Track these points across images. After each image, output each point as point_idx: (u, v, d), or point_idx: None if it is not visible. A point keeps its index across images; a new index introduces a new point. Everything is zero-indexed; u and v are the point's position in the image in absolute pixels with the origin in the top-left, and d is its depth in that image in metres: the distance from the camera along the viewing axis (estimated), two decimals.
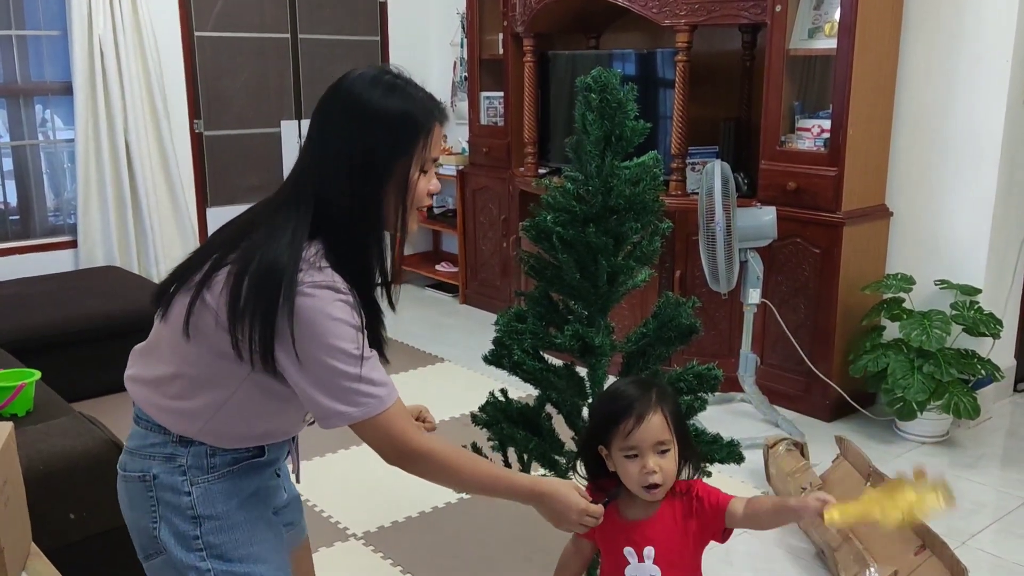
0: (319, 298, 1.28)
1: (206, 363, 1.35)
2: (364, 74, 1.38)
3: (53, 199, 4.78)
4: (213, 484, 1.40)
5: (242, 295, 1.28)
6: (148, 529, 1.41)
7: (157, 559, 1.42)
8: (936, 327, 3.28)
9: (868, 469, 2.65)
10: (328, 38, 5.49)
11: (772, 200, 3.59)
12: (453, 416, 3.59)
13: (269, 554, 1.46)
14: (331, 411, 1.32)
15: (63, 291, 4.06)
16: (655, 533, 1.57)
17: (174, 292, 1.39)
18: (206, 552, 1.39)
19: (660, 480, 1.53)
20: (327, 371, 1.30)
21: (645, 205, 1.99)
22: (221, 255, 1.35)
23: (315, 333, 1.28)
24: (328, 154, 1.35)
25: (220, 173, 5.21)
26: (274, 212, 1.36)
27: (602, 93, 1.93)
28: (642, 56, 4.20)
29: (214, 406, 1.37)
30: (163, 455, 1.39)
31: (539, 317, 2.10)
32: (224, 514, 1.40)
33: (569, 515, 1.51)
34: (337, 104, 1.36)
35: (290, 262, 1.28)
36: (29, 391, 2.55)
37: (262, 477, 1.48)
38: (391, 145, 1.34)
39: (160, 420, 1.40)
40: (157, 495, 1.39)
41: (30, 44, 4.55)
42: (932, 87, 3.53)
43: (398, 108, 1.35)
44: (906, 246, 3.68)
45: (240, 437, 1.41)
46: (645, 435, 1.52)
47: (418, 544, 2.72)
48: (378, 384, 1.34)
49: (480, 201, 5.18)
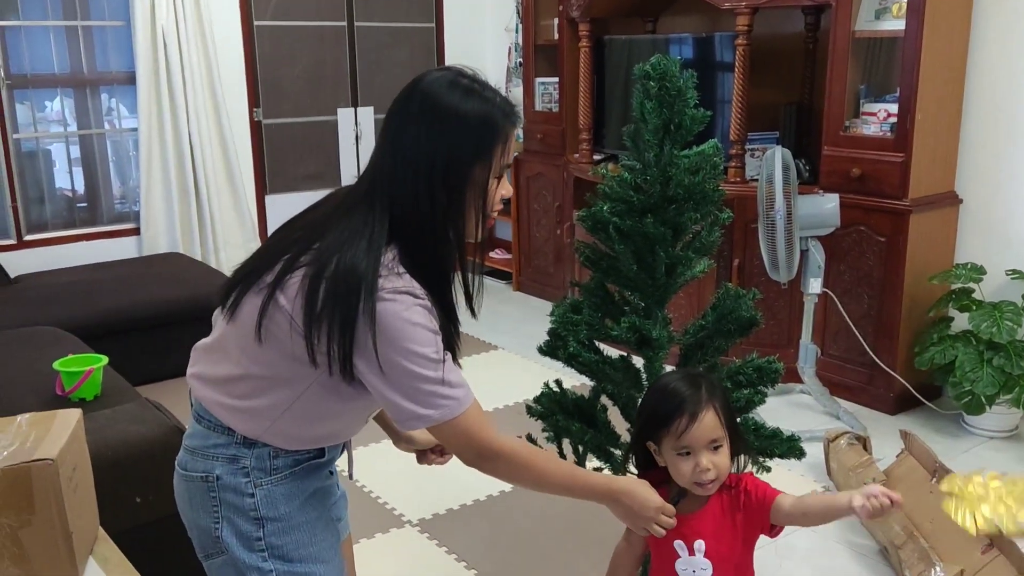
0: (399, 303, 1.27)
1: (276, 365, 1.35)
2: (441, 76, 1.35)
3: (119, 187, 4.90)
4: (276, 486, 1.40)
5: (319, 300, 1.27)
6: (210, 529, 1.41)
7: (218, 559, 1.43)
8: (1007, 318, 3.17)
9: (934, 465, 2.57)
10: (384, 25, 5.51)
11: (835, 187, 3.50)
12: (507, 404, 3.59)
13: (328, 553, 1.47)
14: (411, 414, 1.32)
15: (129, 277, 4.17)
16: (704, 526, 1.56)
17: (242, 292, 1.37)
18: (268, 552, 1.40)
19: (714, 476, 1.52)
20: (407, 376, 1.29)
21: (705, 195, 1.95)
22: (294, 256, 1.33)
23: (396, 338, 1.27)
24: (405, 158, 1.32)
25: (278, 161, 5.28)
26: (348, 213, 1.34)
27: (661, 81, 1.89)
28: (700, 40, 4.12)
29: (281, 407, 1.36)
30: (226, 456, 1.39)
31: (595, 308, 2.07)
32: (286, 516, 1.41)
33: (646, 512, 1.51)
34: (415, 106, 1.33)
35: (369, 267, 1.27)
36: (97, 376, 2.62)
37: (320, 477, 1.49)
38: (470, 150, 1.32)
39: (225, 420, 1.39)
40: (220, 496, 1.40)
41: (95, 34, 4.66)
42: (1005, 70, 3.39)
43: (477, 112, 1.32)
44: (976, 235, 3.56)
45: (305, 439, 1.42)
46: (698, 434, 1.50)
47: (472, 532, 2.74)
48: (456, 386, 1.33)
49: (534, 188, 5.16)
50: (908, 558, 2.36)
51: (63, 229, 4.69)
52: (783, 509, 1.53)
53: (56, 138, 4.70)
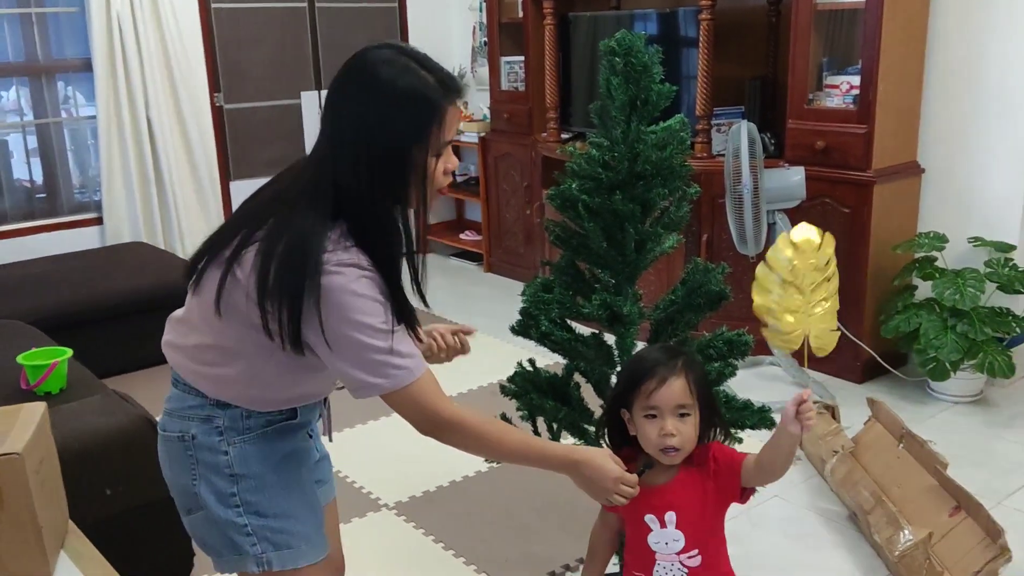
0: (345, 275, 1.31)
1: (239, 335, 1.39)
2: (378, 53, 1.36)
3: (78, 176, 4.81)
4: (248, 444, 1.45)
5: (270, 275, 1.31)
6: (188, 486, 1.46)
7: (197, 514, 1.48)
8: (970, 285, 3.22)
9: (901, 431, 2.62)
10: (346, 6, 5.44)
11: (800, 160, 3.53)
12: (481, 385, 3.59)
13: (303, 512, 1.51)
14: (362, 383, 1.35)
15: (91, 268, 4.10)
16: (675, 497, 1.57)
17: (205, 265, 1.41)
18: (243, 508, 1.45)
19: (678, 444, 1.53)
20: (356, 345, 1.32)
21: (672, 170, 1.95)
22: (250, 231, 1.37)
23: (342, 310, 1.30)
24: (343, 135, 1.35)
25: (242, 146, 5.21)
26: (299, 190, 1.37)
27: (627, 57, 1.89)
28: (664, 15, 4.12)
29: (248, 373, 1.41)
30: (201, 416, 1.44)
31: (566, 286, 2.08)
32: (259, 474, 1.46)
33: (605, 483, 1.51)
34: (351, 84, 1.36)
35: (316, 242, 1.30)
36: (62, 369, 2.58)
37: (296, 439, 1.53)
38: (404, 127, 1.33)
39: (197, 385, 1.45)
40: (196, 454, 1.45)
41: (49, 21, 4.55)
42: (964, 40, 3.43)
43: (411, 89, 1.32)
44: (938, 204, 3.61)
45: (273, 401, 1.46)
46: (666, 395, 1.53)
47: (450, 514, 2.74)
48: (406, 356, 1.36)
49: (502, 168, 5.15)
50: (877, 522, 2.41)
51: (22, 221, 4.60)
52: (750, 470, 1.56)
53: (12, 128, 4.59)
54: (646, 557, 1.61)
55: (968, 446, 3.06)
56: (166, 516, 2.25)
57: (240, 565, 1.48)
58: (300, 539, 1.49)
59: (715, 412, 1.61)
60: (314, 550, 1.52)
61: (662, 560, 1.59)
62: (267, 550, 1.46)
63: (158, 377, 3.88)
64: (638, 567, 1.63)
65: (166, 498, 2.21)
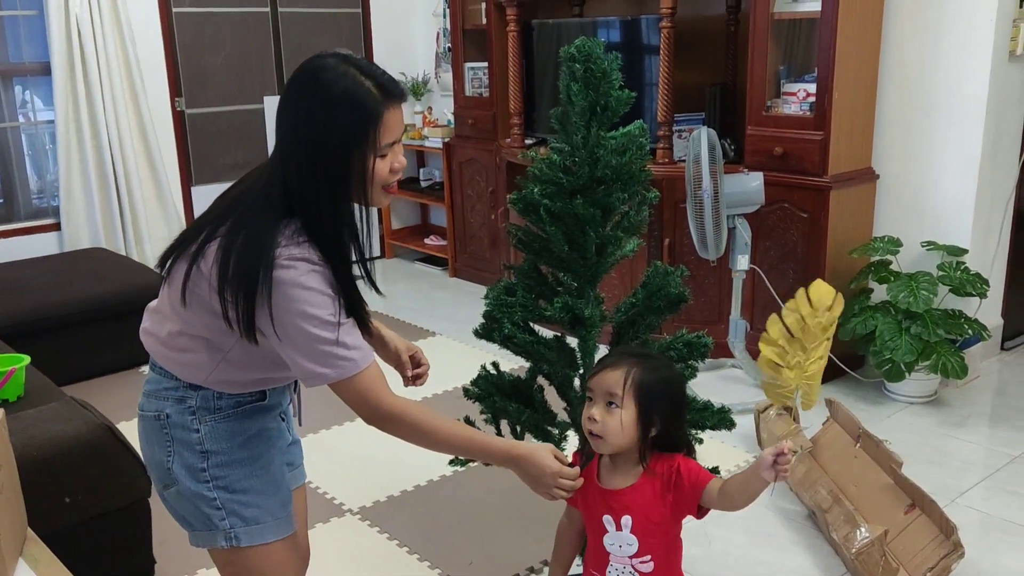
0: (295, 269, 1.37)
1: (204, 324, 1.46)
2: (319, 61, 1.42)
3: (37, 181, 4.73)
4: (219, 423, 1.53)
5: (229, 268, 1.38)
6: (163, 462, 1.53)
7: (172, 489, 1.55)
8: (923, 288, 3.30)
9: (858, 431, 2.68)
10: (309, 11, 5.42)
11: (759, 166, 3.59)
12: (446, 390, 3.60)
13: (269, 488, 1.58)
14: (310, 372, 1.42)
15: (50, 274, 4.04)
16: (633, 502, 1.58)
17: (176, 259, 1.49)
18: (212, 484, 1.52)
19: (598, 431, 1.55)
20: (304, 336, 1.39)
21: (632, 175, 1.98)
22: (214, 227, 1.44)
23: (292, 302, 1.37)
24: (288, 138, 1.42)
25: (204, 151, 5.17)
26: (258, 191, 1.45)
27: (586, 63, 1.92)
28: (626, 23, 4.17)
29: (215, 359, 1.49)
30: (175, 397, 1.52)
31: (528, 290, 2.10)
32: (228, 450, 1.53)
33: (544, 479, 1.57)
34: (294, 89, 1.42)
35: (269, 238, 1.38)
36: (20, 376, 2.54)
37: (265, 419, 1.60)
38: (342, 131, 1.39)
39: (171, 369, 1.52)
40: (171, 432, 1.52)
41: (7, 24, 4.47)
42: (917, 48, 3.52)
43: (346, 94, 1.38)
44: (892, 209, 3.69)
45: (241, 384, 1.53)
46: (599, 381, 1.57)
47: (415, 518, 2.75)
48: (352, 348, 1.42)
49: (467, 173, 5.16)
50: (834, 521, 2.46)
51: None
52: (712, 494, 1.55)
53: None
54: (601, 557, 1.63)
55: (923, 446, 3.13)
56: (126, 524, 2.24)
57: (211, 540, 1.55)
58: (267, 514, 1.56)
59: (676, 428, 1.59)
60: (281, 526, 1.59)
61: (615, 562, 1.61)
62: (235, 524, 1.53)
63: (118, 384, 3.86)
64: (594, 566, 1.65)
65: (126, 506, 2.22)
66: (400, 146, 1.48)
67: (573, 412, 2.13)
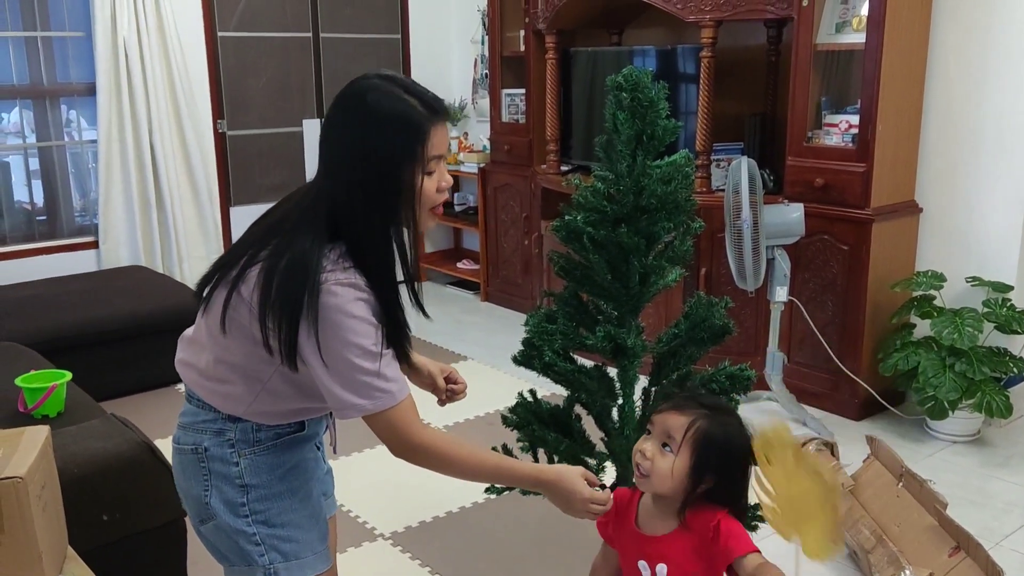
0: (341, 296, 1.35)
1: (244, 352, 1.44)
2: (364, 82, 1.42)
3: (79, 199, 4.82)
4: (259, 456, 1.50)
5: (272, 292, 1.36)
6: (200, 496, 1.51)
7: (209, 524, 1.52)
8: (968, 325, 3.24)
9: (900, 469, 2.61)
10: (349, 36, 5.49)
11: (799, 197, 3.56)
12: (478, 415, 3.58)
13: (308, 521, 1.55)
14: (347, 403, 1.39)
15: (91, 291, 4.09)
16: (669, 551, 1.53)
17: (214, 286, 1.47)
18: (252, 518, 1.50)
19: (645, 468, 1.50)
20: (346, 365, 1.37)
21: (677, 204, 1.97)
22: (255, 251, 1.42)
23: (336, 329, 1.35)
24: (335, 159, 1.42)
25: (243, 172, 5.23)
26: (301, 213, 1.44)
27: (633, 92, 1.91)
28: (664, 52, 4.17)
29: (254, 391, 1.46)
30: (213, 430, 1.49)
31: (569, 318, 2.08)
32: (268, 483, 1.51)
33: (574, 503, 1.55)
34: (339, 110, 1.42)
35: (315, 262, 1.35)
36: (60, 392, 2.57)
37: (303, 450, 1.58)
38: (390, 150, 1.38)
39: (209, 401, 1.49)
40: (209, 466, 1.49)
41: (55, 45, 4.58)
42: (962, 81, 3.48)
43: (394, 113, 1.39)
44: (936, 243, 3.63)
45: (281, 415, 1.51)
46: (662, 420, 1.52)
47: (445, 544, 2.72)
48: (391, 380, 1.41)
49: (501, 199, 5.17)
50: (878, 562, 2.40)
51: (22, 243, 4.60)
52: (746, 569, 1.45)
53: (14, 150, 4.61)
54: None
55: (965, 486, 3.06)
56: (162, 544, 2.24)
57: (249, 575, 1.52)
58: (306, 549, 1.54)
59: (734, 495, 1.52)
60: (319, 561, 1.56)
61: None
62: (275, 560, 1.51)
63: (157, 401, 3.89)
64: None
65: (163, 525, 2.22)
66: (445, 164, 1.47)
67: (611, 443, 2.11)
